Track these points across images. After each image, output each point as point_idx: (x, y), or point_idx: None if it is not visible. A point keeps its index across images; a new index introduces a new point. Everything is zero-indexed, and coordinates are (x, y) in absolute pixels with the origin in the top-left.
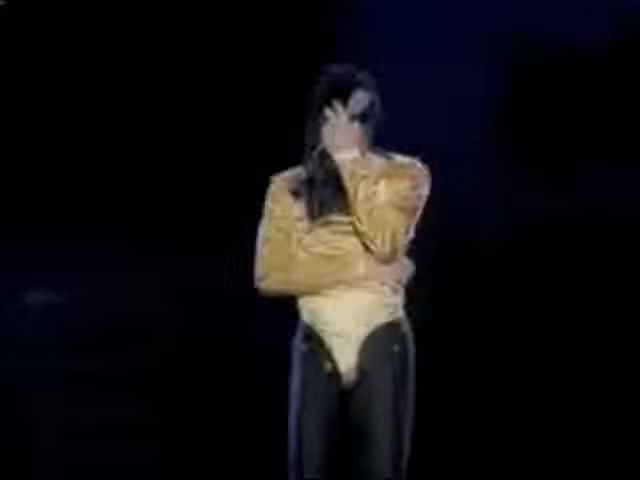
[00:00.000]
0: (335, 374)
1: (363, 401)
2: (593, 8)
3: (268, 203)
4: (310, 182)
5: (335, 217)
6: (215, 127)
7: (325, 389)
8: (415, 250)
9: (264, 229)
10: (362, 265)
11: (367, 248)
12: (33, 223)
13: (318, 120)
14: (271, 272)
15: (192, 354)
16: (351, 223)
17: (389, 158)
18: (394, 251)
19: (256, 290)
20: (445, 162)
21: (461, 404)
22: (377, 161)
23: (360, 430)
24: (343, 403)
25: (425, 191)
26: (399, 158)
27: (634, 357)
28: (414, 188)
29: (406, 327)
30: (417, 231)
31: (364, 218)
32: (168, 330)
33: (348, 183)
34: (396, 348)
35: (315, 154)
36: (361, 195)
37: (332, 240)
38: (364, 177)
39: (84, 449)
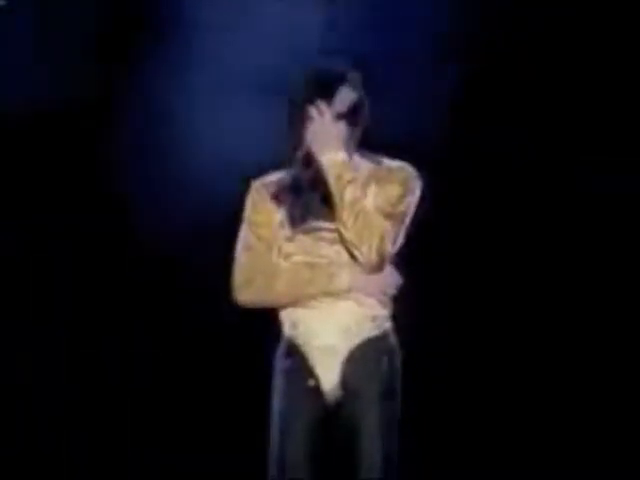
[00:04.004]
0: (319, 392)
1: (349, 421)
2: None
3: (248, 210)
4: (293, 186)
5: (319, 223)
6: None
7: (309, 408)
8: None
9: (244, 237)
10: (347, 277)
11: (352, 256)
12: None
13: (301, 120)
14: (251, 282)
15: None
16: (336, 230)
17: (378, 162)
18: (381, 259)
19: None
20: None
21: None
22: (365, 165)
23: (347, 449)
24: (328, 422)
25: (415, 197)
26: (388, 162)
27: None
28: (404, 194)
29: (393, 340)
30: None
31: (350, 223)
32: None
33: (333, 186)
34: (383, 363)
35: (298, 156)
36: (347, 199)
37: (316, 248)
38: (351, 180)
39: None
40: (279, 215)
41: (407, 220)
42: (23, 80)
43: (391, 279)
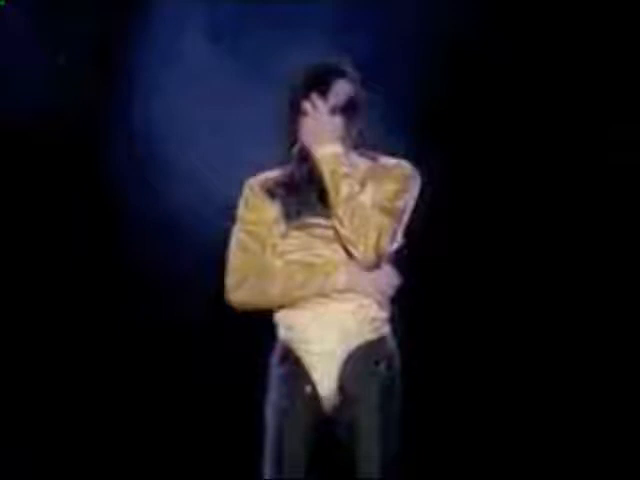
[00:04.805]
0: (316, 398)
1: (348, 426)
2: None
3: (241, 208)
4: (289, 182)
5: (315, 219)
6: None
7: (305, 415)
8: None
9: (237, 236)
10: (343, 276)
11: (349, 254)
12: None
13: (296, 115)
14: (244, 283)
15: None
16: (332, 227)
17: (374, 159)
18: (378, 257)
19: None
20: None
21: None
22: (362, 163)
23: (346, 455)
24: (326, 427)
25: (414, 193)
26: (385, 159)
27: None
28: (401, 190)
29: (392, 344)
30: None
31: (346, 220)
32: None
33: (329, 181)
34: (382, 368)
35: (294, 151)
36: (343, 194)
37: (311, 247)
38: (346, 175)
39: None
40: (273, 211)
41: (405, 217)
42: (23, 80)
43: (389, 279)
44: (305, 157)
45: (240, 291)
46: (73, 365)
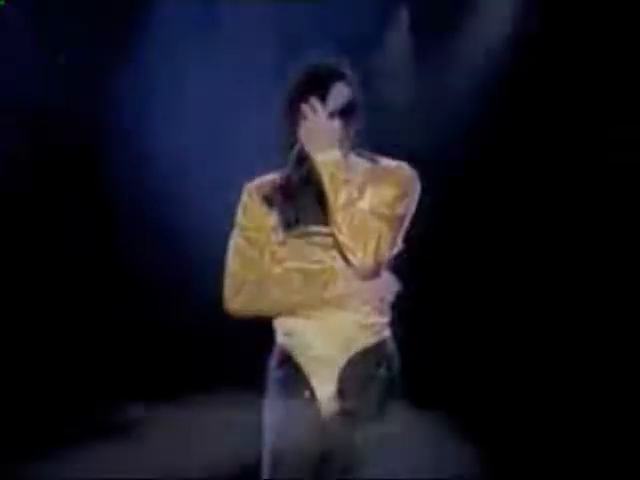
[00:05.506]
0: (314, 403)
1: (347, 433)
2: None
3: (239, 214)
4: (287, 187)
5: (313, 227)
6: None
7: (303, 420)
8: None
9: (235, 243)
10: (341, 283)
11: (347, 261)
12: None
13: (294, 117)
14: (242, 291)
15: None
16: (331, 234)
17: (374, 161)
18: (377, 264)
19: None
20: None
21: None
22: (361, 165)
23: (345, 459)
24: (325, 434)
25: (413, 198)
26: (385, 161)
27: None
28: (402, 195)
29: (392, 348)
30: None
31: (344, 226)
32: None
33: (328, 187)
34: (381, 372)
35: (292, 155)
36: (341, 200)
37: (309, 254)
38: (345, 181)
39: None
40: (271, 219)
41: (405, 222)
42: (22, 80)
43: (388, 285)
44: (304, 157)
45: (238, 298)
46: (72, 366)
